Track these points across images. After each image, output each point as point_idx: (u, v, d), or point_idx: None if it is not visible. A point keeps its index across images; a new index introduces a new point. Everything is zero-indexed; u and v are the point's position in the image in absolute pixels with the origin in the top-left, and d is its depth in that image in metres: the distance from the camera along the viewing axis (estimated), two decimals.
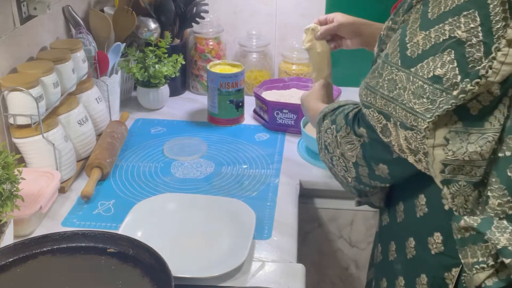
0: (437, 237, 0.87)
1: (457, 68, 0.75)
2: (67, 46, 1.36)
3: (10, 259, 0.93)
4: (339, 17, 1.24)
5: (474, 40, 0.74)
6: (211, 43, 1.79)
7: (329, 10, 1.75)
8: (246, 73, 1.75)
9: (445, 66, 0.75)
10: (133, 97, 1.76)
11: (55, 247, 0.96)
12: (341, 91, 1.64)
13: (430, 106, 0.76)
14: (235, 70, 1.58)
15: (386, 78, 0.82)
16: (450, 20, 0.76)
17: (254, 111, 1.65)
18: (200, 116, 1.66)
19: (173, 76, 1.65)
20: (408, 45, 0.80)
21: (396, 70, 0.80)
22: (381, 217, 1.04)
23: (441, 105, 0.75)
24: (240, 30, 1.84)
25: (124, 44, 1.62)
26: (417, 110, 0.77)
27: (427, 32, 0.78)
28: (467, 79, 0.74)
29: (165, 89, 1.68)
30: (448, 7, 0.76)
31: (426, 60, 0.77)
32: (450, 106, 0.74)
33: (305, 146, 1.46)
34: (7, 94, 1.16)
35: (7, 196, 0.95)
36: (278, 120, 1.56)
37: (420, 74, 0.77)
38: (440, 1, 0.78)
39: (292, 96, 1.65)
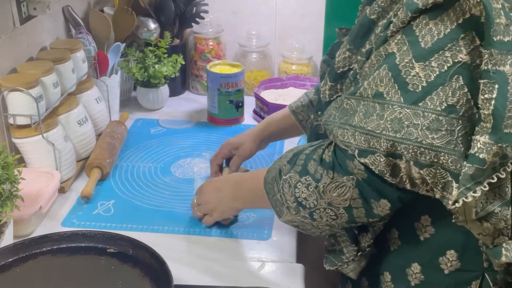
0: (451, 255, 0.84)
1: (468, 93, 0.73)
2: (67, 46, 1.36)
3: (10, 259, 0.93)
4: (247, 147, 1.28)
5: (478, 61, 0.73)
6: (211, 43, 1.79)
7: (329, 10, 1.75)
8: (246, 73, 1.75)
9: (456, 94, 0.73)
10: (133, 97, 1.76)
11: (55, 247, 0.96)
12: None
13: (450, 137, 0.73)
14: (235, 70, 1.58)
15: (388, 119, 0.76)
16: (449, 45, 0.74)
17: (254, 111, 1.66)
18: (200, 116, 1.66)
19: (173, 76, 1.65)
20: (406, 79, 0.75)
21: (399, 108, 0.75)
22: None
23: (459, 134, 0.73)
24: (240, 30, 1.84)
25: (124, 44, 1.62)
26: (438, 144, 0.73)
27: (426, 63, 0.75)
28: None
29: (165, 89, 1.68)
30: (442, 33, 0.75)
31: (435, 91, 0.74)
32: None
33: None
34: (7, 94, 1.16)
35: (7, 196, 0.95)
36: None
37: (432, 107, 0.74)
38: (430, 28, 0.75)
39: (290, 95, 1.65)
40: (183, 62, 1.68)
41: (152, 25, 1.70)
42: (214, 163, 1.31)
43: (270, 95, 1.64)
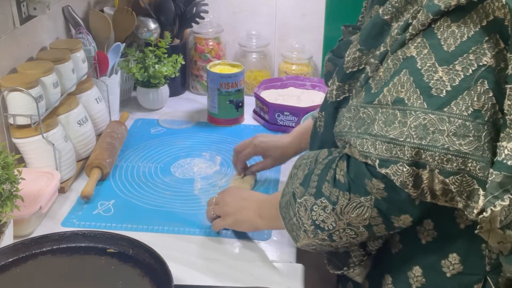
0: (454, 258, 0.84)
1: (493, 98, 0.72)
2: (67, 46, 1.36)
3: (10, 259, 0.93)
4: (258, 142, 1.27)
5: (502, 65, 0.72)
6: (211, 43, 1.79)
7: (329, 9, 1.75)
8: (246, 73, 1.75)
9: (482, 98, 0.72)
10: (133, 97, 1.76)
11: (55, 247, 0.96)
12: None
13: (478, 143, 0.72)
14: (235, 70, 1.58)
15: (412, 126, 0.73)
16: (473, 48, 0.72)
17: (254, 111, 1.66)
18: (200, 116, 1.66)
19: (173, 76, 1.65)
20: (430, 83, 0.74)
21: (423, 114, 0.73)
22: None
23: (485, 140, 0.72)
24: (240, 30, 1.84)
25: (124, 44, 1.62)
26: (466, 151, 0.71)
27: (450, 66, 0.73)
28: None
29: (165, 89, 1.68)
30: (466, 36, 0.73)
31: (460, 96, 0.72)
32: None
33: None
34: (7, 94, 1.16)
35: (7, 196, 0.95)
36: (279, 122, 1.56)
37: (457, 112, 0.72)
38: (453, 31, 0.74)
39: (290, 95, 1.65)
40: (183, 62, 1.68)
41: (152, 25, 1.70)
42: (238, 166, 1.29)
43: (270, 95, 1.64)
